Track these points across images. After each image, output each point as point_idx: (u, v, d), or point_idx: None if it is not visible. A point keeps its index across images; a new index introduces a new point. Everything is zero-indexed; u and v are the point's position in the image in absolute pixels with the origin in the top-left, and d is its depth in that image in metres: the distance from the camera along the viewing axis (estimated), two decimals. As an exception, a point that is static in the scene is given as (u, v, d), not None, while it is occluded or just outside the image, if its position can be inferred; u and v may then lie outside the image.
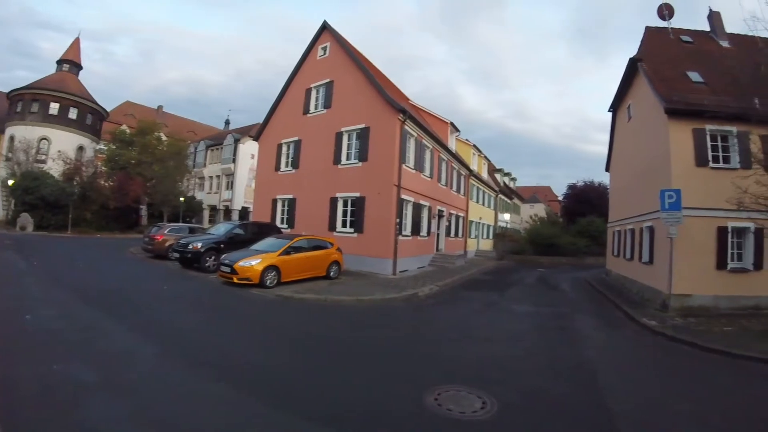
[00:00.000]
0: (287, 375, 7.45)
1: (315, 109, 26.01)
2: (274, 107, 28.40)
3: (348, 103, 24.28)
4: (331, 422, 5.76)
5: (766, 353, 10.95)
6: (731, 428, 6.85)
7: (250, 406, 6.02)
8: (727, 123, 16.20)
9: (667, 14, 24.45)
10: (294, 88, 27.54)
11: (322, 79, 25.93)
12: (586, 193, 58.50)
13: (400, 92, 34.31)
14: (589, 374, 9.01)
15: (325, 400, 6.46)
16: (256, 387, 6.72)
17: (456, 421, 6.05)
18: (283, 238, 18.46)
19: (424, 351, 9.90)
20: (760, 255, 16.82)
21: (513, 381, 8.08)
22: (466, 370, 8.54)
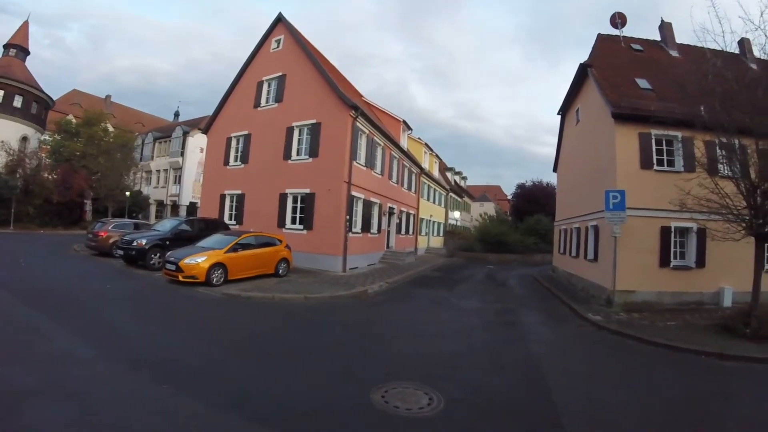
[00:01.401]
0: (232, 376, 7.26)
1: (266, 103, 25.48)
2: (225, 99, 27.67)
3: (300, 98, 23.92)
4: (276, 423, 5.66)
5: (708, 346, 11.41)
6: (672, 419, 7.05)
7: (194, 408, 5.83)
8: (673, 128, 16.69)
9: (620, 23, 25.03)
10: (245, 81, 26.90)
11: (274, 73, 25.45)
12: (535, 192, 59.98)
13: (354, 89, 34.19)
14: (534, 369, 9.14)
15: (270, 401, 6.35)
16: (199, 388, 6.52)
17: (403, 418, 6.05)
18: (231, 235, 18.05)
19: (372, 348, 9.90)
20: (702, 254, 17.57)
21: (460, 377, 8.11)
22: (414, 366, 8.53)
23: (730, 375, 9.78)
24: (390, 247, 31.44)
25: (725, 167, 14.21)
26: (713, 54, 14.66)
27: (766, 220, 12.86)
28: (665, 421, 6.94)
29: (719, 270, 17.40)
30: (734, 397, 8.39)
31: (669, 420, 7.00)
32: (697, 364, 10.60)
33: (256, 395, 6.50)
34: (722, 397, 8.30)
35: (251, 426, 5.51)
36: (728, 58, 15.01)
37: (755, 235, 13.19)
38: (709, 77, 14.28)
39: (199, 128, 36.76)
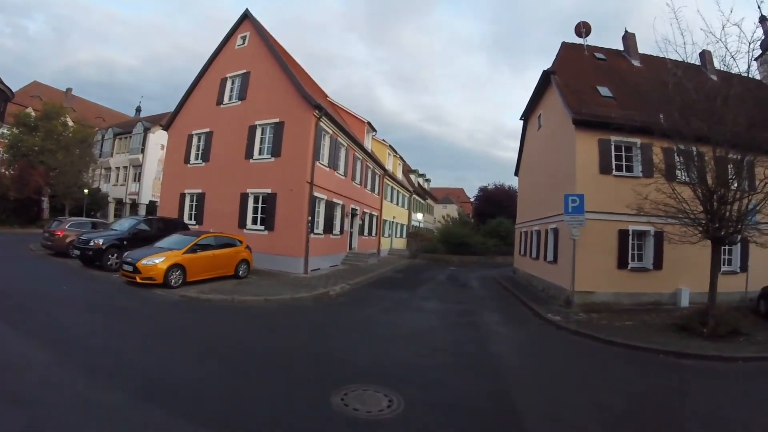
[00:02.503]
0: (188, 381, 7.04)
1: (229, 100, 25.03)
2: (187, 95, 26.95)
3: (263, 96, 23.59)
4: (233, 428, 5.53)
5: (666, 345, 11.74)
6: (631, 416, 7.17)
7: (150, 416, 5.60)
8: (632, 135, 17.47)
9: (584, 32, 25.59)
10: (209, 77, 26.32)
11: (238, 70, 25.01)
12: (497, 195, 60.78)
13: (319, 89, 33.92)
14: (495, 369, 9.24)
15: (228, 406, 6.15)
16: (155, 394, 6.29)
17: (362, 420, 5.99)
18: (190, 235, 17.59)
19: (332, 351, 9.74)
20: (659, 256, 18.10)
21: (420, 378, 8.10)
22: (374, 368, 8.52)
23: (688, 373, 10.01)
24: (352, 249, 31.29)
25: (683, 173, 14.81)
26: (674, 64, 15.14)
27: (722, 224, 13.31)
28: (625, 419, 7.06)
29: (676, 271, 17.95)
30: (693, 394, 8.59)
31: (629, 418, 7.12)
32: (655, 362, 10.84)
33: (213, 400, 6.32)
34: (681, 395, 8.48)
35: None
36: (689, 68, 15.49)
37: (711, 238, 13.67)
38: (669, 86, 14.68)
39: (160, 124, 36.05)
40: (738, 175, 13.25)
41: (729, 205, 13.14)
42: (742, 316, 14.43)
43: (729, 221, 13.24)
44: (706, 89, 15.03)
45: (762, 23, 16.81)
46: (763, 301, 16.80)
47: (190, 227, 22.48)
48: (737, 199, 13.14)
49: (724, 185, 13.16)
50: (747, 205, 13.29)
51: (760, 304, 16.90)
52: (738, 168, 13.24)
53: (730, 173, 13.36)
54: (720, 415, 7.43)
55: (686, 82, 14.69)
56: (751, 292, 18.04)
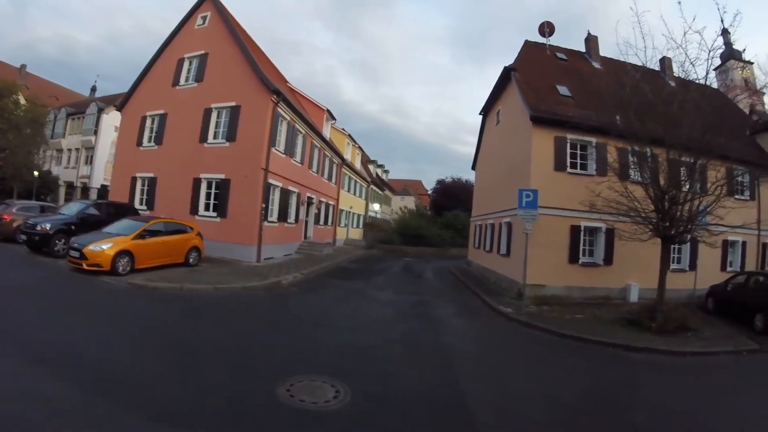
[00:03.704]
0: (134, 372, 6.74)
1: (185, 82, 24.16)
2: (143, 75, 25.80)
3: (221, 79, 22.91)
4: (179, 420, 5.35)
5: (615, 338, 12.07)
6: (581, 407, 7.33)
7: (94, 407, 5.34)
8: (588, 134, 17.98)
9: (548, 32, 25.88)
10: (166, 57, 25.30)
11: (196, 50, 24.16)
12: (454, 189, 61.15)
13: (280, 74, 33.18)
14: (446, 360, 9.24)
15: (174, 398, 5.96)
16: (100, 386, 6.01)
17: (307, 411, 5.89)
18: (139, 221, 16.91)
19: (282, 341, 9.61)
20: (610, 252, 18.61)
21: (370, 369, 8.11)
22: (324, 359, 8.41)
23: (637, 366, 10.32)
24: (307, 238, 30.89)
25: (636, 173, 15.19)
26: (634, 68, 15.75)
27: (672, 223, 13.72)
28: (575, 410, 7.20)
29: (626, 268, 18.50)
30: (642, 387, 8.83)
31: (579, 409, 7.27)
32: (605, 355, 11.13)
33: (159, 392, 6.10)
34: (630, 387, 8.73)
35: (153, 425, 5.17)
36: (648, 73, 16.03)
37: (662, 237, 14.08)
38: (627, 89, 15.08)
39: (114, 105, 34.63)
40: (690, 178, 13.70)
41: (680, 205, 13.56)
42: (690, 313, 14.89)
43: (679, 221, 13.67)
44: (663, 94, 15.58)
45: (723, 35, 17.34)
46: (710, 299, 17.53)
47: (141, 213, 21.70)
48: (688, 200, 13.57)
49: (676, 186, 13.59)
50: (698, 207, 13.76)
51: (707, 302, 17.61)
52: (691, 171, 13.69)
53: (682, 175, 13.80)
54: (668, 407, 7.61)
55: (644, 86, 15.19)
56: (699, 290, 18.81)
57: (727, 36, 33.22)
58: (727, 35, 19.61)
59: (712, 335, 13.30)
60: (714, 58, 14.17)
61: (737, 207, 16.94)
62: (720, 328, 14.40)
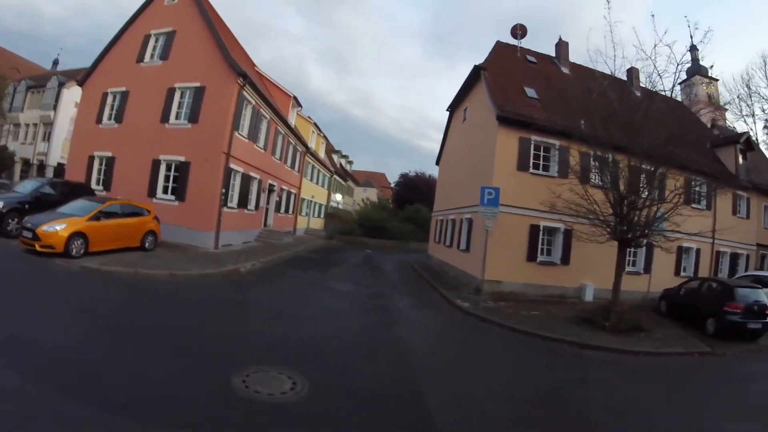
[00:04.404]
0: (82, 360, 6.47)
1: (150, 59, 23.38)
2: (107, 50, 24.71)
3: (187, 58, 22.30)
4: (130, 411, 5.15)
5: (570, 336, 12.42)
6: (536, 402, 7.57)
7: (42, 397, 5.09)
8: (552, 137, 18.31)
9: (520, 34, 26.09)
10: (132, 32, 24.31)
11: (164, 27, 23.35)
12: (417, 183, 61.45)
13: (248, 57, 32.37)
14: (402, 352, 9.33)
15: (125, 388, 5.73)
16: (48, 374, 5.74)
17: (263, 403, 5.82)
18: (95, 201, 16.27)
19: (238, 330, 9.46)
20: (567, 252, 19.05)
21: (327, 360, 8.06)
22: (280, 350, 8.36)
23: (589, 363, 10.69)
24: (267, 226, 30.50)
25: (596, 177, 15.57)
26: (602, 75, 16.20)
27: (629, 227, 14.18)
28: (530, 404, 7.42)
29: (582, 268, 18.97)
30: (596, 383, 9.12)
31: (534, 403, 7.49)
32: (560, 351, 11.44)
33: (108, 381, 5.86)
34: (584, 384, 9.02)
35: (102, 416, 4.94)
36: (615, 81, 16.59)
37: (619, 240, 14.56)
38: (594, 95, 15.53)
39: (76, 80, 33.50)
40: (649, 185, 14.25)
41: (638, 211, 14.04)
42: (644, 315, 15.49)
43: (637, 226, 14.14)
44: (629, 102, 16.01)
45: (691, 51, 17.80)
46: (663, 302, 18.14)
47: (97, 193, 20.85)
48: (646, 206, 14.09)
49: (636, 192, 14.11)
50: (655, 213, 14.24)
51: (660, 304, 18.23)
52: (650, 178, 14.23)
53: (642, 182, 14.33)
54: (621, 404, 7.92)
55: (611, 93, 15.53)
56: (653, 293, 19.26)
57: (696, 52, 33.94)
58: (696, 51, 20.16)
59: (664, 337, 13.78)
60: (681, 72, 14.66)
61: (694, 215, 17.70)
62: (672, 330, 14.92)
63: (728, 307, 14.17)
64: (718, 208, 22.53)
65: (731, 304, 14.20)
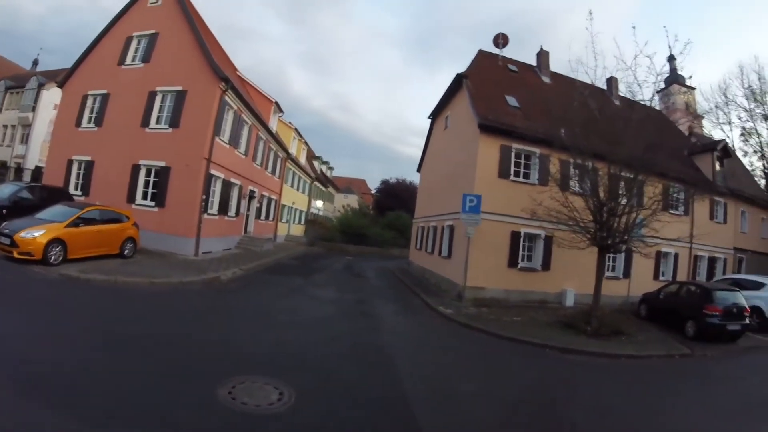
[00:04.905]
0: (64, 372, 6.27)
1: (132, 61, 23.04)
2: (88, 51, 24.23)
3: (169, 61, 22.03)
4: (112, 426, 5.02)
5: (552, 341, 12.57)
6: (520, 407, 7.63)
7: (22, 410, 4.97)
8: (533, 145, 18.68)
9: (502, 43, 26.34)
10: (114, 33, 23.90)
11: (147, 29, 23.03)
12: (398, 189, 61.66)
13: (229, 61, 32.14)
14: (387, 359, 9.30)
15: (106, 401, 5.56)
16: (24, 386, 5.58)
17: (250, 415, 5.72)
18: (73, 207, 15.95)
19: (222, 340, 9.27)
20: (548, 258, 19.30)
21: (312, 369, 8.03)
22: (265, 359, 8.28)
23: (574, 367, 10.83)
24: (248, 232, 30.28)
25: (576, 185, 15.90)
26: (582, 85, 16.38)
27: (609, 234, 14.39)
28: (514, 408, 7.49)
29: (563, 273, 19.21)
30: (579, 387, 9.33)
31: (517, 407, 7.57)
32: (542, 356, 11.53)
33: (91, 394, 5.68)
34: (567, 387, 9.15)
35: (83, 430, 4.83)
36: (595, 91, 17.05)
37: (599, 246, 14.79)
38: (574, 104, 15.81)
39: (56, 81, 32.97)
40: (629, 192, 14.50)
41: (618, 217, 14.27)
42: (624, 318, 15.70)
43: (616, 232, 14.37)
44: (609, 111, 16.37)
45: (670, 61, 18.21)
46: (643, 306, 18.48)
47: (76, 199, 20.45)
48: (626, 212, 14.32)
49: (615, 199, 14.39)
50: (634, 219, 14.49)
51: (640, 308, 18.55)
52: (629, 185, 14.50)
53: (621, 189, 14.60)
54: (604, 406, 8.06)
55: (591, 102, 15.83)
56: (633, 297, 19.77)
57: (674, 62, 34.49)
58: (674, 61, 20.60)
59: (645, 340, 14.03)
60: (660, 82, 14.98)
61: (672, 221, 17.95)
62: (653, 334, 15.17)
63: (707, 310, 14.50)
64: (696, 213, 22.93)
65: (710, 306, 14.54)
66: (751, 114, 39.80)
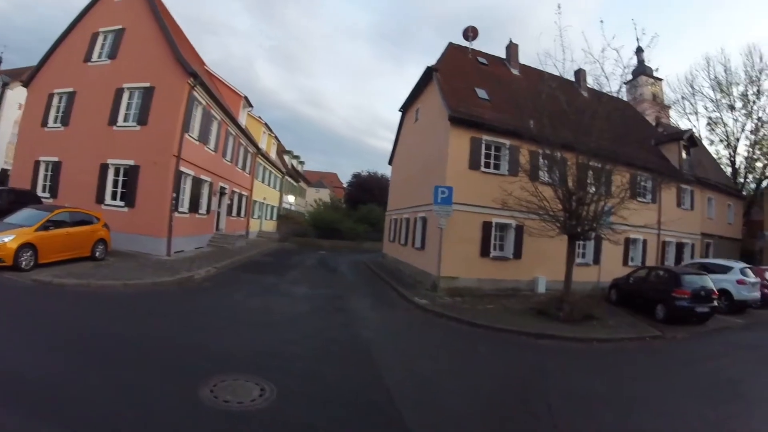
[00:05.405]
0: (43, 377, 6.22)
1: (98, 58, 22.44)
2: (54, 48, 23.56)
3: (136, 57, 21.53)
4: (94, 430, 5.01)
5: (526, 327, 12.88)
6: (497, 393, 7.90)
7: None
8: (503, 136, 19.09)
9: (471, 36, 26.51)
10: (80, 29, 23.25)
11: (113, 25, 22.45)
12: (370, 183, 61.44)
13: (198, 56, 31.44)
14: (365, 353, 9.42)
15: (85, 405, 5.54)
16: (6, 392, 5.58)
17: (234, 412, 5.76)
18: (42, 210, 15.52)
19: (199, 340, 9.23)
20: (519, 247, 19.62)
21: (292, 365, 8.04)
22: (244, 357, 8.27)
23: (546, 352, 11.11)
24: (220, 230, 30.00)
25: (546, 175, 16.17)
26: (550, 77, 16.79)
27: (578, 222, 14.75)
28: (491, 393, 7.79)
29: (534, 261, 19.61)
30: (553, 371, 9.51)
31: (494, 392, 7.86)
32: (516, 343, 11.84)
33: (69, 399, 5.64)
34: (542, 372, 9.36)
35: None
36: (564, 83, 17.47)
37: (568, 234, 15.15)
38: (543, 96, 16.06)
39: (21, 80, 32.26)
40: (597, 181, 14.86)
41: (586, 206, 14.62)
42: (595, 303, 16.02)
43: (585, 220, 14.71)
44: (576, 103, 16.76)
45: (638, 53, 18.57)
46: (613, 291, 18.95)
47: (44, 201, 19.97)
48: (594, 201, 14.66)
49: (583, 188, 14.75)
50: (603, 208, 14.79)
51: (610, 293, 19.02)
52: (597, 175, 14.86)
53: (589, 179, 14.94)
54: (578, 389, 8.29)
55: (559, 94, 16.15)
56: (603, 283, 20.25)
57: (642, 54, 35.26)
58: (642, 53, 20.94)
59: (616, 324, 14.46)
60: (627, 74, 15.38)
61: (640, 209, 18.50)
62: (623, 318, 15.62)
63: (676, 293, 14.94)
64: (663, 201, 23.67)
65: (679, 290, 14.98)
66: (717, 104, 40.97)
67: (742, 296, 18.13)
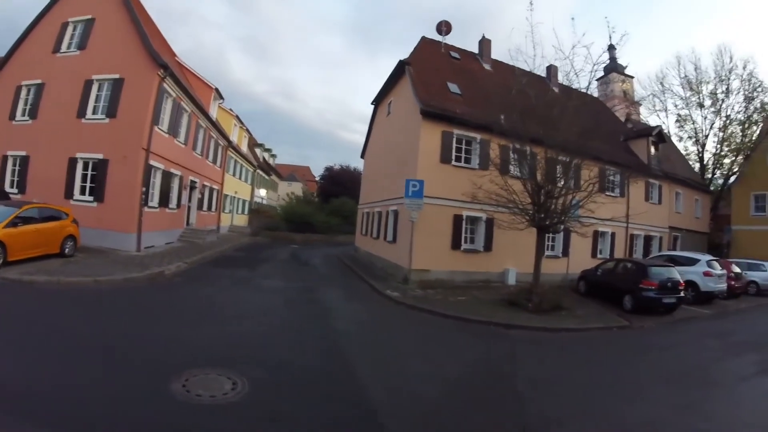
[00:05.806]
0: (11, 375, 6.17)
1: (67, 49, 21.80)
2: (22, 38, 22.72)
3: (106, 48, 20.99)
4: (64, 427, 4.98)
5: (496, 318, 13.19)
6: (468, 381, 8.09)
7: None
8: (473, 131, 19.31)
9: (445, 30, 26.57)
10: (50, 18, 22.49)
11: (83, 14, 21.79)
12: (342, 176, 61.20)
13: (168, 46, 30.69)
14: (337, 345, 9.51)
15: (57, 402, 5.49)
16: None
17: (206, 406, 5.81)
18: (10, 206, 15.11)
19: (170, 335, 9.24)
20: (490, 239, 19.96)
21: (264, 358, 8.08)
22: (215, 351, 8.24)
23: (518, 342, 11.30)
24: (190, 224, 29.59)
25: (515, 169, 16.50)
26: (521, 72, 16.98)
27: (547, 215, 15.09)
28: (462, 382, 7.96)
29: (504, 254, 19.96)
30: (522, 360, 9.74)
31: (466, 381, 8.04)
32: (487, 333, 12.08)
33: (40, 396, 5.57)
34: (511, 361, 9.57)
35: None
36: (534, 78, 17.83)
37: (537, 227, 15.46)
38: (513, 91, 16.38)
39: None
40: (565, 175, 15.14)
41: (555, 199, 14.98)
42: (564, 294, 16.63)
43: (554, 213, 15.09)
44: (546, 98, 17.01)
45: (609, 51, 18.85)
46: (582, 282, 19.43)
47: (12, 197, 19.47)
48: (562, 194, 15.04)
49: (552, 182, 15.05)
50: (571, 201, 15.17)
51: (579, 285, 19.50)
52: (566, 169, 15.15)
53: (558, 172, 15.25)
54: (547, 377, 8.59)
55: (530, 90, 16.48)
56: (572, 274, 20.58)
57: (613, 51, 35.73)
58: (613, 50, 21.34)
59: (584, 314, 14.84)
60: (597, 71, 15.76)
61: (608, 203, 18.88)
62: (592, 308, 16.05)
63: (643, 284, 15.37)
64: (632, 195, 24.19)
65: (646, 281, 15.41)
66: (687, 102, 41.89)
67: (708, 288, 18.62)
